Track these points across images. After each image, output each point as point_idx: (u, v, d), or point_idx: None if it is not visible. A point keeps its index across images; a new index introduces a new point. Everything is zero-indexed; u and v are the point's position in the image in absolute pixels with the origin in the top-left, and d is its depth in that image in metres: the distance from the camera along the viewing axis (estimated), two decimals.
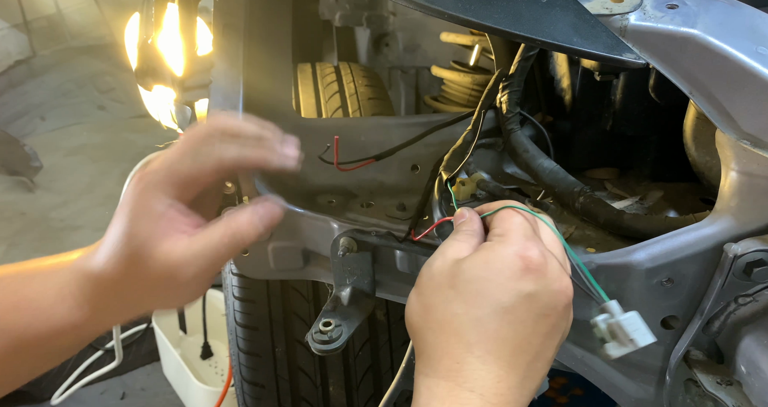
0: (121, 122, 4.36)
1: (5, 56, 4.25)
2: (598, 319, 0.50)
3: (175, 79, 0.82)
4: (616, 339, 0.49)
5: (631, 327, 0.48)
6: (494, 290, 0.48)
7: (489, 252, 0.50)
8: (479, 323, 0.48)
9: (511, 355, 0.48)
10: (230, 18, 0.78)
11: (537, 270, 0.49)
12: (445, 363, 0.47)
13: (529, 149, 0.83)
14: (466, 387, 0.46)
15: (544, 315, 0.49)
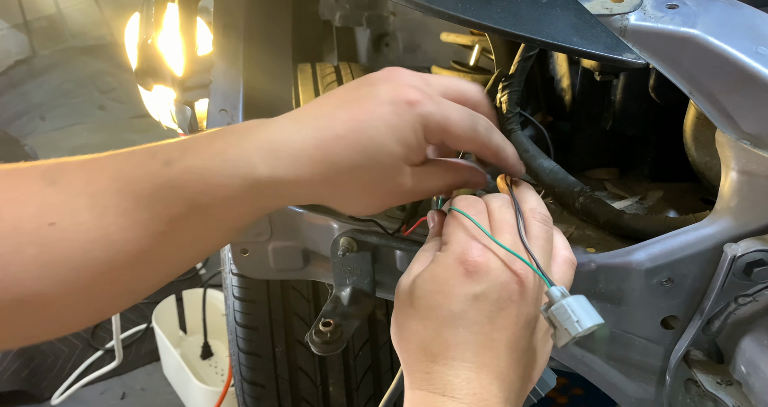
0: (121, 122, 4.36)
1: (5, 56, 4.25)
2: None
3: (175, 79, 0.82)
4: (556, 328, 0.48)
5: (561, 317, 0.47)
6: (442, 300, 0.49)
7: (435, 265, 0.51)
8: (437, 334, 0.49)
9: (476, 355, 0.49)
10: (230, 18, 0.79)
11: (478, 270, 0.49)
12: (418, 376, 0.50)
13: (529, 149, 0.83)
14: (438, 393, 0.48)
15: (500, 308, 0.49)
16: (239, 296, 1.09)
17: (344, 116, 0.50)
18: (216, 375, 2.06)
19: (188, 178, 0.50)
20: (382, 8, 1.68)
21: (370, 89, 0.52)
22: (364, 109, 0.50)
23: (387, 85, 0.51)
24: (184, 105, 0.80)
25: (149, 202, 0.49)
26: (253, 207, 0.52)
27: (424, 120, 0.51)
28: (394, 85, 0.51)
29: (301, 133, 0.50)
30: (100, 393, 2.13)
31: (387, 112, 0.50)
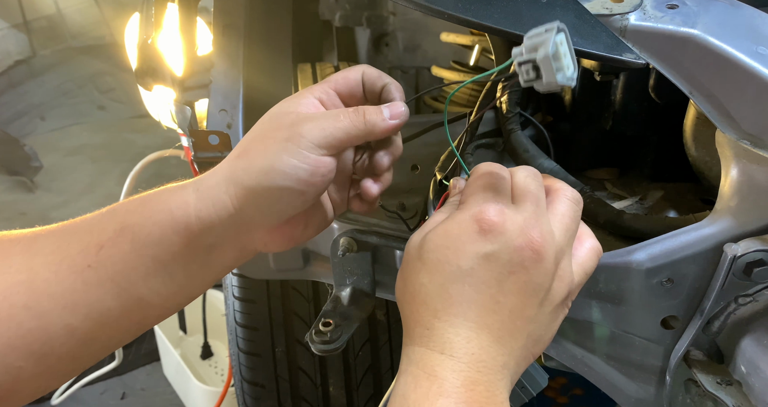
0: (121, 122, 4.36)
1: (5, 56, 4.25)
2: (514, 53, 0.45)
3: (175, 79, 0.82)
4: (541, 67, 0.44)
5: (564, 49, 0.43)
6: (452, 256, 0.49)
7: (449, 221, 0.51)
8: (442, 289, 0.49)
9: (478, 316, 0.48)
10: (230, 18, 0.79)
11: (492, 230, 0.48)
12: (418, 331, 0.49)
13: (529, 149, 0.83)
14: (437, 350, 0.47)
15: (509, 272, 0.48)
16: (239, 296, 1.09)
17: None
18: (216, 375, 2.06)
19: (128, 203, 0.52)
20: (382, 8, 1.68)
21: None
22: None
23: None
24: (184, 105, 0.80)
25: (83, 233, 0.51)
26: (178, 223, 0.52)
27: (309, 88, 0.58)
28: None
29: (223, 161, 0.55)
30: (100, 393, 2.13)
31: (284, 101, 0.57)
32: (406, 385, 0.47)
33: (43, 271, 0.48)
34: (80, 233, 0.51)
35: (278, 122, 0.54)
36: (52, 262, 0.49)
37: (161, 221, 0.51)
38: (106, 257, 0.50)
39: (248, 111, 0.80)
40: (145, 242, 0.51)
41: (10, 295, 0.47)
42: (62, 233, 0.51)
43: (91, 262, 0.50)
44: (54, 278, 0.49)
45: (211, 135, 0.76)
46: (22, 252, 0.49)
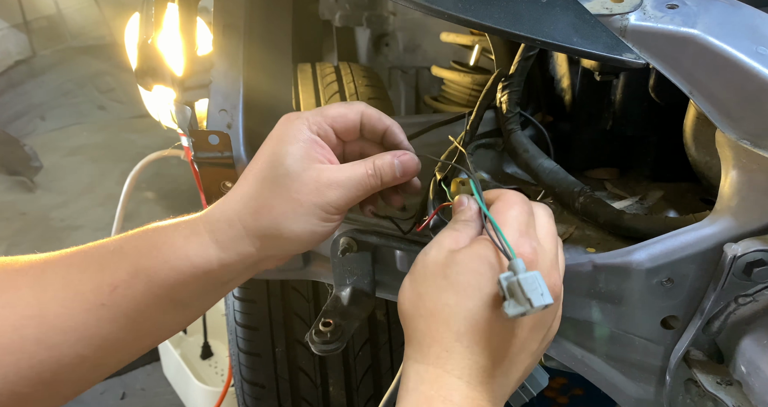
0: (121, 122, 4.36)
1: (5, 56, 4.25)
2: (502, 276, 0.49)
3: (175, 79, 0.82)
4: (514, 297, 0.48)
5: (529, 287, 0.47)
6: (485, 283, 0.50)
7: (483, 246, 0.51)
8: (470, 313, 0.49)
9: (498, 348, 0.50)
10: (230, 18, 0.78)
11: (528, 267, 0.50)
12: (435, 351, 0.49)
13: (529, 148, 0.83)
14: (454, 375, 0.48)
15: None
16: (239, 296, 1.09)
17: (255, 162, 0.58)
18: (216, 375, 2.06)
19: (136, 243, 0.54)
20: (382, 8, 1.68)
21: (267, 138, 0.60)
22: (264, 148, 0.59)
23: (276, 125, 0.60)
24: (184, 105, 0.80)
25: (95, 271, 0.51)
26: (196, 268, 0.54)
27: (303, 119, 0.58)
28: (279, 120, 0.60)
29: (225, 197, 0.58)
30: (100, 393, 2.14)
31: (276, 134, 0.58)
32: (417, 405, 0.48)
33: (54, 306, 0.49)
34: (90, 271, 0.52)
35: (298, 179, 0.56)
36: (63, 298, 0.50)
37: (179, 267, 0.53)
38: (121, 297, 0.51)
39: (248, 111, 0.80)
40: (162, 284, 0.53)
41: (20, 327, 0.48)
42: (70, 267, 0.52)
43: (104, 301, 0.51)
44: (66, 313, 0.50)
45: (211, 135, 0.76)
46: (31, 285, 0.50)
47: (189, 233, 0.55)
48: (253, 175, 0.57)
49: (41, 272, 0.51)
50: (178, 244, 0.54)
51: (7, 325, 0.47)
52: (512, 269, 0.49)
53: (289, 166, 0.56)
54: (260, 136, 0.83)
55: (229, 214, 0.56)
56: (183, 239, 0.54)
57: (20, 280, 0.50)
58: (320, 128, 0.58)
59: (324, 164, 0.57)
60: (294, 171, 0.56)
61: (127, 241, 0.54)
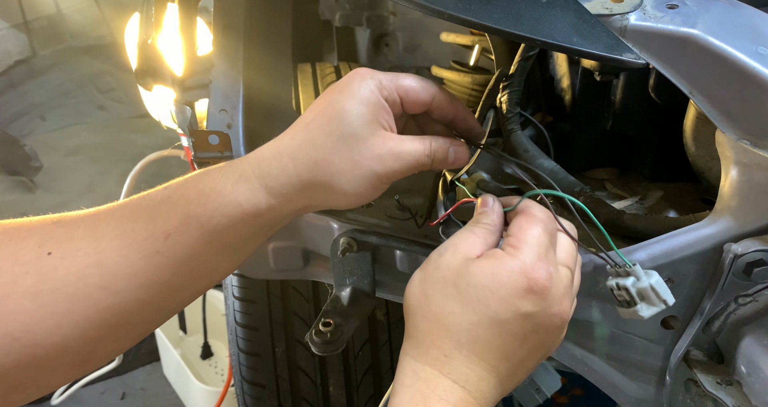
0: (121, 122, 4.36)
1: (5, 56, 4.25)
2: (627, 283, 0.53)
3: (175, 79, 0.82)
4: (645, 300, 0.52)
5: (662, 288, 0.52)
6: (494, 301, 0.50)
7: (498, 263, 0.51)
8: (473, 327, 0.50)
9: (496, 360, 0.51)
10: (230, 18, 0.78)
11: (539, 293, 0.50)
12: (433, 353, 0.51)
13: (529, 148, 0.83)
14: (451, 378, 0.50)
15: (535, 331, 0.52)
16: (239, 296, 1.09)
17: (313, 108, 0.57)
18: (216, 375, 2.06)
19: (184, 191, 0.54)
20: (382, 8, 1.68)
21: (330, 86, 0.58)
22: (327, 95, 0.57)
23: (345, 77, 0.58)
24: (184, 105, 0.80)
25: (146, 221, 0.52)
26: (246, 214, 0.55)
27: (377, 82, 0.57)
28: (350, 72, 0.58)
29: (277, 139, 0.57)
30: (100, 393, 2.13)
31: (346, 87, 0.56)
32: (413, 401, 0.49)
33: (112, 255, 0.51)
34: (142, 221, 0.53)
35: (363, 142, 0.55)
36: (119, 246, 0.51)
37: (230, 214, 0.54)
38: (175, 244, 0.53)
39: (248, 111, 0.80)
40: (214, 230, 0.54)
41: (84, 276, 0.50)
42: (121, 218, 0.53)
43: (159, 248, 0.52)
44: (124, 262, 0.51)
45: (211, 135, 0.76)
46: (87, 237, 0.51)
47: (237, 178, 0.55)
48: (317, 125, 0.56)
49: (94, 225, 0.52)
50: (227, 190, 0.54)
51: (71, 275, 0.49)
52: (634, 275, 0.52)
53: (357, 127, 0.55)
54: (260, 136, 0.83)
55: (284, 159, 0.56)
56: (232, 185, 0.55)
57: (75, 232, 0.51)
58: (390, 95, 0.57)
59: (387, 131, 0.57)
60: (361, 134, 0.55)
61: (174, 190, 0.55)
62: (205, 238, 0.54)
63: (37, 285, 0.48)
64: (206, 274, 0.57)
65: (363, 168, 0.55)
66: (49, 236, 0.50)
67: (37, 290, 0.47)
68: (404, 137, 0.58)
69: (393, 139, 0.57)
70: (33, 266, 0.48)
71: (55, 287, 0.48)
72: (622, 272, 0.55)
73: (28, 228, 0.50)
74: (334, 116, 0.55)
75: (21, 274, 0.47)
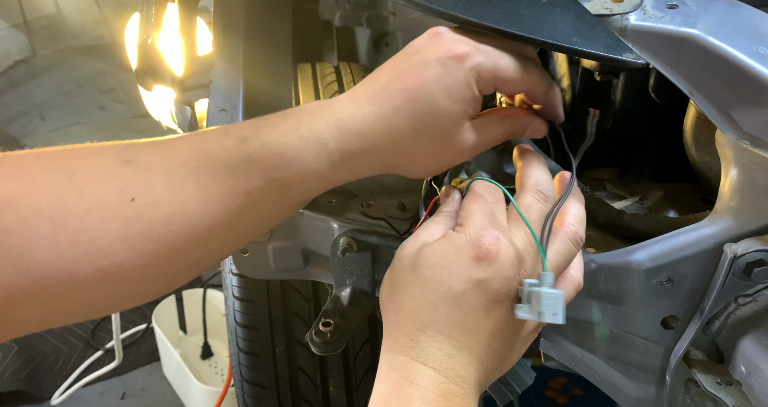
0: (120, 122, 4.36)
1: (5, 56, 4.25)
2: (527, 281, 0.50)
3: (175, 79, 0.82)
4: (530, 303, 0.50)
5: (546, 302, 0.49)
6: (446, 277, 0.50)
7: (446, 241, 0.52)
8: (432, 306, 0.51)
9: (462, 335, 0.51)
10: (230, 18, 0.79)
11: (486, 258, 0.50)
12: (402, 340, 0.51)
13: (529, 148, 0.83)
14: (419, 361, 0.50)
15: (496, 300, 0.51)
16: (239, 296, 1.09)
17: (398, 87, 0.53)
18: (216, 375, 2.06)
19: (264, 153, 0.54)
20: (382, 8, 1.68)
21: (418, 56, 0.54)
22: (416, 76, 0.53)
23: (433, 48, 0.54)
24: (184, 105, 0.80)
25: (226, 177, 0.53)
26: (326, 180, 0.56)
27: (475, 73, 0.53)
28: (440, 45, 0.53)
29: (361, 110, 0.54)
30: (100, 393, 2.13)
31: (438, 74, 0.52)
32: (387, 391, 0.50)
33: (194, 206, 0.52)
34: (222, 176, 0.53)
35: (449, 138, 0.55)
36: (200, 198, 0.52)
37: (310, 180, 0.55)
38: (255, 201, 0.54)
39: (248, 111, 0.80)
40: (292, 193, 0.56)
41: (167, 224, 0.51)
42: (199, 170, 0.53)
43: (240, 203, 0.54)
44: (206, 213, 0.53)
45: None
46: (167, 186, 0.52)
47: (319, 148, 0.54)
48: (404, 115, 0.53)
49: (171, 173, 0.53)
50: (310, 160, 0.54)
51: (156, 222, 0.51)
52: (540, 280, 0.50)
53: (448, 126, 0.54)
54: None
55: (367, 144, 0.54)
56: (314, 156, 0.54)
57: (153, 179, 0.52)
58: (486, 86, 0.54)
59: (472, 120, 0.56)
60: (450, 132, 0.54)
61: (255, 150, 0.54)
62: (283, 197, 0.56)
63: (125, 230, 0.50)
64: (275, 220, 0.60)
65: (442, 159, 0.57)
66: (128, 181, 0.51)
67: (125, 234, 0.50)
68: (485, 125, 0.57)
69: (476, 131, 0.56)
70: (119, 211, 0.50)
71: (141, 232, 0.50)
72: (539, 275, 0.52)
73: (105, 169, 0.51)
74: (425, 112, 0.53)
75: (108, 218, 0.49)
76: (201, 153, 0.54)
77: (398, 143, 0.54)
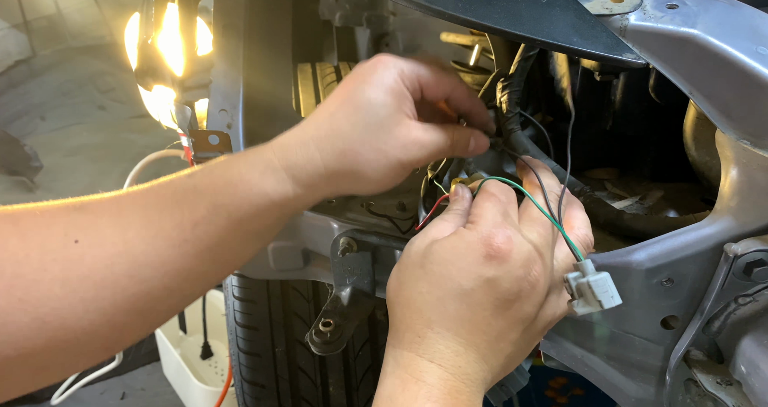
0: (121, 122, 4.36)
1: (5, 56, 4.25)
2: (570, 276, 0.51)
3: (175, 79, 0.82)
4: (583, 297, 0.50)
5: (599, 289, 0.49)
6: (456, 274, 0.51)
7: (457, 237, 0.52)
8: (440, 303, 0.51)
9: (469, 333, 0.51)
10: (230, 18, 0.79)
11: (498, 256, 0.50)
12: (408, 336, 0.51)
13: (529, 148, 0.83)
14: (426, 358, 0.50)
15: (506, 299, 0.51)
16: (239, 296, 1.09)
17: (333, 98, 0.58)
18: (216, 375, 2.06)
19: (210, 180, 0.55)
20: (382, 8, 1.68)
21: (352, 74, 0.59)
22: (348, 84, 0.57)
23: (367, 63, 0.58)
24: (184, 105, 0.80)
25: (172, 210, 0.53)
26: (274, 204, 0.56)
27: (399, 71, 0.57)
28: (372, 60, 0.58)
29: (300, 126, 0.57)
30: (100, 393, 2.14)
31: (369, 76, 0.57)
32: (393, 387, 0.50)
33: (139, 244, 0.51)
34: (168, 209, 0.53)
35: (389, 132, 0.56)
36: (146, 235, 0.52)
37: (257, 203, 0.55)
38: (202, 233, 0.53)
39: (248, 111, 0.80)
40: (241, 219, 0.55)
41: (111, 265, 0.50)
42: (147, 207, 0.53)
43: (187, 237, 0.53)
44: (152, 251, 0.52)
45: (211, 135, 0.76)
46: (112, 225, 0.51)
47: (264, 168, 0.55)
48: (343, 115, 0.56)
49: (118, 213, 0.52)
50: (255, 180, 0.55)
51: (99, 263, 0.49)
52: (581, 270, 0.50)
53: (383, 117, 0.56)
54: (260, 136, 0.83)
55: (310, 149, 0.56)
56: (259, 174, 0.55)
57: (100, 221, 0.51)
58: (412, 85, 0.58)
59: (411, 119, 0.58)
60: (387, 124, 0.56)
61: (200, 179, 0.55)
62: (232, 227, 0.55)
63: (66, 272, 0.48)
64: (231, 260, 0.58)
65: (388, 157, 0.56)
66: (73, 224, 0.50)
67: (66, 276, 0.48)
68: (428, 126, 0.59)
69: (417, 128, 0.58)
70: (60, 254, 0.48)
71: (83, 275, 0.49)
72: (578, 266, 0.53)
73: (52, 215, 0.50)
74: (360, 106, 0.56)
75: (49, 261, 0.48)
76: (150, 192, 0.54)
77: (340, 141, 0.56)
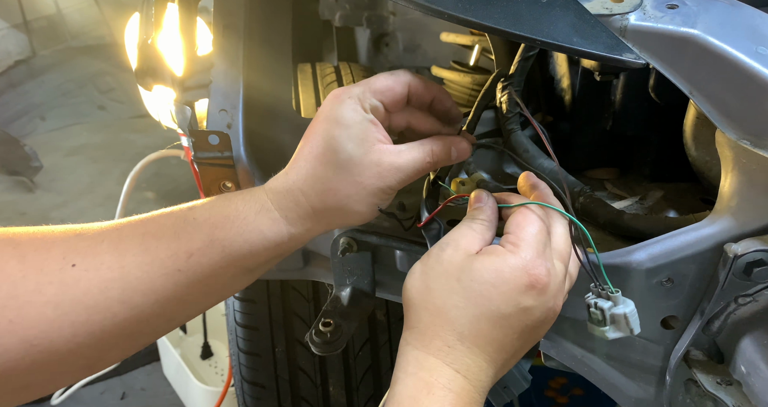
0: (121, 122, 4.36)
1: (5, 56, 4.25)
2: (604, 306, 0.55)
3: (175, 79, 0.82)
4: (615, 324, 0.55)
5: (633, 318, 0.55)
6: (496, 296, 0.52)
7: (500, 261, 0.53)
8: (476, 320, 0.52)
9: (496, 352, 0.53)
10: (230, 18, 0.79)
11: (537, 287, 0.52)
12: (437, 344, 0.53)
13: (529, 149, 0.83)
14: (453, 368, 0.52)
15: (534, 325, 0.54)
16: (239, 296, 1.09)
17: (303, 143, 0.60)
18: (216, 375, 2.06)
19: (209, 214, 0.57)
20: (382, 8, 1.68)
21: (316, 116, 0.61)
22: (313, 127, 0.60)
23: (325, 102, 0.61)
24: (184, 105, 0.80)
25: (170, 239, 0.55)
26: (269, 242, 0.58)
27: (354, 99, 0.59)
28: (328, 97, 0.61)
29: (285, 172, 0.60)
30: (100, 393, 2.14)
31: (328, 114, 0.59)
32: (417, 389, 0.51)
33: (134, 270, 0.53)
34: (166, 239, 0.55)
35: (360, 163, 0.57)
36: (142, 262, 0.53)
37: (252, 240, 0.57)
38: (196, 264, 0.55)
39: (248, 111, 0.80)
40: (235, 254, 0.57)
41: (105, 290, 0.51)
42: (146, 235, 0.55)
43: (181, 267, 0.55)
44: (146, 277, 0.53)
45: (211, 135, 0.76)
46: (110, 251, 0.53)
47: (259, 208, 0.58)
48: (314, 157, 0.58)
49: (118, 239, 0.54)
50: (250, 218, 0.57)
51: (93, 287, 0.51)
52: (613, 301, 0.55)
53: (351, 151, 0.57)
54: (260, 136, 0.83)
55: (295, 194, 0.59)
56: (254, 213, 0.58)
57: (98, 247, 0.53)
58: (371, 105, 0.59)
59: (382, 143, 0.58)
60: (356, 156, 0.57)
61: (200, 212, 0.57)
62: (226, 260, 0.57)
63: (59, 295, 0.49)
64: (220, 291, 0.60)
65: (367, 188, 0.58)
66: (72, 248, 0.52)
67: (59, 300, 0.49)
68: (402, 148, 0.59)
69: (390, 152, 0.58)
70: (57, 277, 0.50)
71: (77, 298, 0.50)
72: (603, 294, 0.57)
73: (53, 239, 0.52)
74: (327, 147, 0.58)
75: (45, 283, 0.49)
76: (150, 220, 0.56)
77: (319, 183, 0.58)
